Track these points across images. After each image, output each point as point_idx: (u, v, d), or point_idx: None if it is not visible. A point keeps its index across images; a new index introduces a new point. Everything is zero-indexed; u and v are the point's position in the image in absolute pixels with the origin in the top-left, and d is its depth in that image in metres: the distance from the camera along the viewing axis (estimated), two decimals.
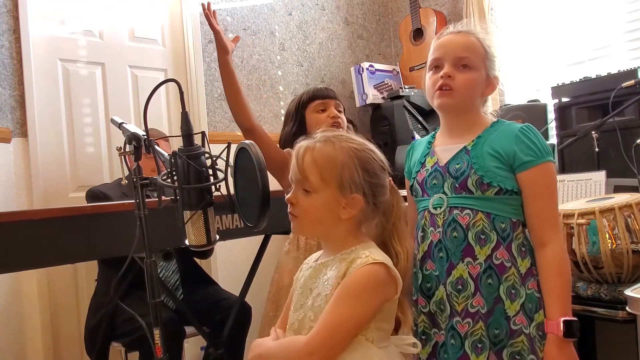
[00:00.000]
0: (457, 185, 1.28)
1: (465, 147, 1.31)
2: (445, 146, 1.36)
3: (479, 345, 1.23)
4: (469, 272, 1.25)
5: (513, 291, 1.24)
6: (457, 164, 1.30)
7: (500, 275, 1.25)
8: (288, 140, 1.86)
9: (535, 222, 1.26)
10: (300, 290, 1.18)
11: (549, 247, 1.23)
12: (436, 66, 1.34)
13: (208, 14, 1.88)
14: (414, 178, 1.39)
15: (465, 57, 1.30)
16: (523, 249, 1.28)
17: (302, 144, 1.17)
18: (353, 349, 1.05)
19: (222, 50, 1.86)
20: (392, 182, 1.16)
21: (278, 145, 1.93)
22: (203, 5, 1.91)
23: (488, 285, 1.24)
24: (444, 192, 1.30)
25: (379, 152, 1.18)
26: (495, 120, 1.36)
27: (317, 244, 1.69)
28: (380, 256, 1.08)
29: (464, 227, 1.26)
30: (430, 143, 1.41)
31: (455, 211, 1.28)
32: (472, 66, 1.31)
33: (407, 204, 1.29)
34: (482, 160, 1.27)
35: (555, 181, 1.30)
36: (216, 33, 1.87)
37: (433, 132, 1.45)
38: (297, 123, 1.89)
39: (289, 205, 1.16)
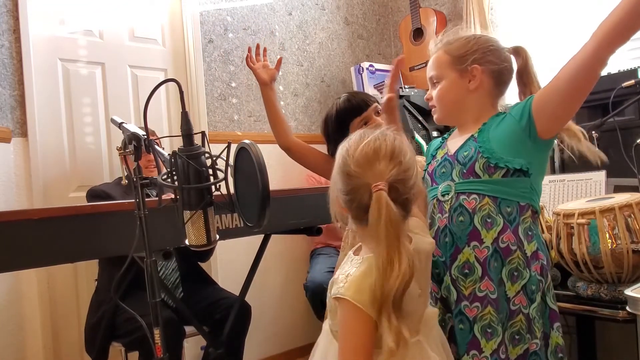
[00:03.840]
0: (464, 171, 1.31)
1: (472, 135, 1.34)
2: (455, 138, 1.41)
3: (489, 330, 1.24)
4: (475, 256, 1.27)
5: (515, 273, 1.26)
6: (465, 151, 1.33)
7: (504, 258, 1.26)
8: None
9: (560, 72, 1.22)
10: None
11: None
12: None
13: (249, 57, 1.97)
14: (425, 170, 1.44)
15: (432, 76, 1.41)
16: (530, 233, 1.30)
17: None
18: None
19: (261, 83, 1.94)
20: (375, 188, 1.02)
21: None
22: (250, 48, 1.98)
23: (494, 268, 1.26)
24: (452, 179, 1.33)
25: (352, 158, 1.07)
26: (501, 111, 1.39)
27: None
28: (353, 286, 1.04)
29: (470, 211, 1.28)
30: (445, 139, 1.47)
31: (462, 196, 1.29)
32: (439, 79, 1.39)
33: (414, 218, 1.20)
34: (489, 144, 1.29)
35: None
36: (252, 70, 1.96)
37: (450, 131, 1.49)
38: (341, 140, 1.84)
39: None
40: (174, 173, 1.21)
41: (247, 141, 1.23)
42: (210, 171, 1.22)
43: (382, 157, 1.06)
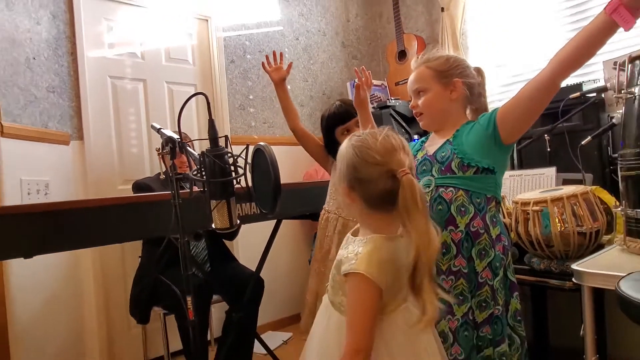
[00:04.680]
0: (442, 169, 1.30)
1: (448, 140, 1.33)
2: (433, 142, 1.40)
3: (461, 298, 1.25)
4: (451, 238, 1.27)
5: (483, 252, 1.26)
6: (443, 152, 1.32)
7: (474, 240, 1.26)
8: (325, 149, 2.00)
9: (521, 92, 1.23)
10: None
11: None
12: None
13: (265, 62, 2.01)
14: None
15: (417, 87, 1.38)
16: (494, 220, 1.30)
17: None
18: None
19: (273, 82, 2.00)
20: (403, 173, 0.97)
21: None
22: (267, 56, 2.04)
23: (466, 248, 1.26)
24: (432, 175, 1.32)
25: (375, 149, 1.01)
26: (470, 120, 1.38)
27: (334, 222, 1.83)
28: (365, 262, 0.99)
29: (447, 201, 1.27)
30: (423, 142, 1.45)
31: (441, 189, 1.29)
32: (423, 90, 1.36)
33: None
34: (462, 147, 1.29)
35: None
36: (267, 73, 2.01)
37: (427, 136, 1.48)
38: (328, 141, 1.95)
39: None
40: (202, 169, 1.22)
41: (262, 143, 1.23)
42: (232, 168, 1.22)
43: (399, 149, 1.01)
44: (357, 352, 0.96)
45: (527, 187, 1.97)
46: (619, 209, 1.42)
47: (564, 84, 2.23)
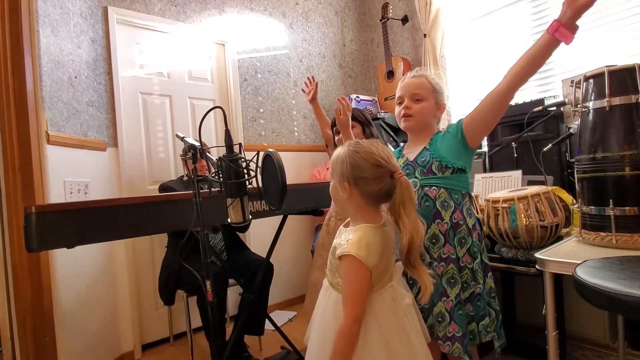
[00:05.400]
0: (424, 171, 1.31)
1: (425, 147, 1.34)
2: (410, 150, 1.40)
3: (452, 281, 1.25)
4: (439, 229, 1.27)
5: (463, 240, 1.27)
6: (422, 157, 1.33)
7: (456, 230, 1.28)
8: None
9: (482, 102, 1.24)
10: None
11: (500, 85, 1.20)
12: (400, 102, 1.38)
13: (306, 87, 2.30)
14: None
15: (417, 93, 1.34)
16: (469, 212, 1.32)
17: None
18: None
19: (309, 101, 2.30)
20: (400, 175, 1.05)
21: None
22: (309, 78, 2.31)
23: (451, 237, 1.27)
24: (416, 177, 1.32)
25: (379, 155, 1.07)
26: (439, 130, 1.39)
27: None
28: (355, 246, 1.02)
29: (432, 199, 1.28)
30: (400, 151, 1.45)
31: (426, 188, 1.30)
32: (422, 98, 1.34)
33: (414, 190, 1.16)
34: (439, 152, 1.30)
35: None
36: (305, 94, 2.31)
37: (402, 146, 1.47)
38: (335, 139, 2.12)
39: None
40: (220, 172, 1.22)
41: (270, 150, 1.23)
42: (245, 171, 1.23)
43: (392, 156, 1.09)
44: (354, 320, 1.00)
45: (497, 187, 1.98)
46: (576, 206, 1.43)
47: (528, 99, 2.26)
